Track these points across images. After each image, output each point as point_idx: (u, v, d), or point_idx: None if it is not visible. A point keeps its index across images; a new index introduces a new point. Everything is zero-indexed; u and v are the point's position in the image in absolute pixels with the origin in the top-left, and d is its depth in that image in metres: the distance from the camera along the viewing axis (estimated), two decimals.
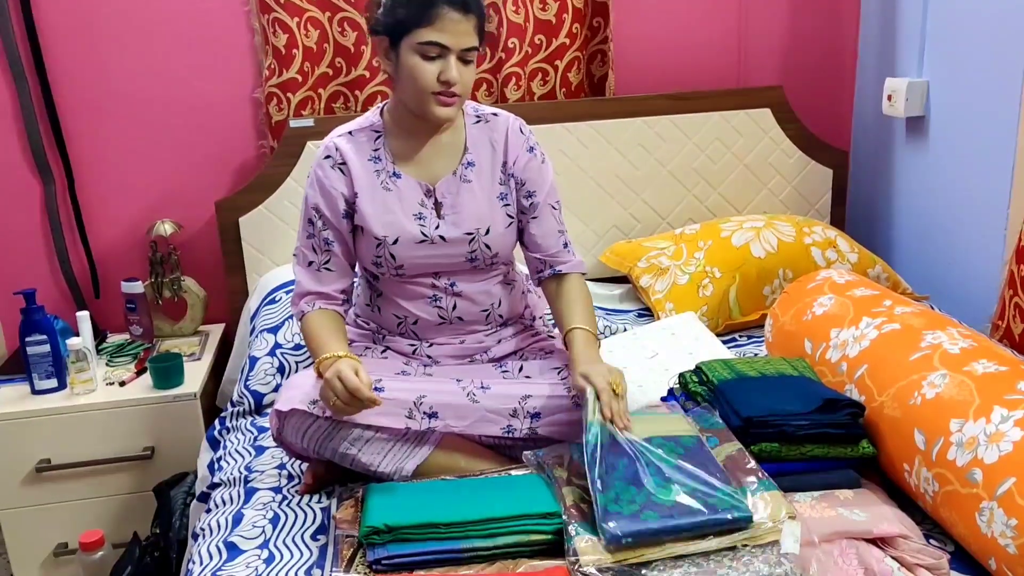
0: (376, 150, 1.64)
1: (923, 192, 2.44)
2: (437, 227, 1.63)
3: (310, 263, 1.65)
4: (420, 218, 1.63)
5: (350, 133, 1.66)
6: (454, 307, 1.67)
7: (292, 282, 2.16)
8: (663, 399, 1.70)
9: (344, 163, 1.62)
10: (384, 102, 1.70)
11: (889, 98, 2.44)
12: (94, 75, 2.35)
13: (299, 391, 1.50)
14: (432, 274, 1.66)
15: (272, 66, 2.36)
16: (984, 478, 1.23)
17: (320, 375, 1.48)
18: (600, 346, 1.66)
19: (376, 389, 1.51)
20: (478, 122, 1.69)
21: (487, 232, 1.65)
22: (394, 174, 1.64)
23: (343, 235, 1.64)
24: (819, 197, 2.66)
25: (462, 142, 1.68)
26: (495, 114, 1.71)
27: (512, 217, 1.68)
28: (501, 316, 1.73)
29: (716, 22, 2.62)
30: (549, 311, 1.75)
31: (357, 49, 2.39)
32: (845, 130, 2.77)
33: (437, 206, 1.64)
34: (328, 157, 1.63)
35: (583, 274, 1.73)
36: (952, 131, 2.30)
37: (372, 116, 1.68)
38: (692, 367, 1.68)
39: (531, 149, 1.70)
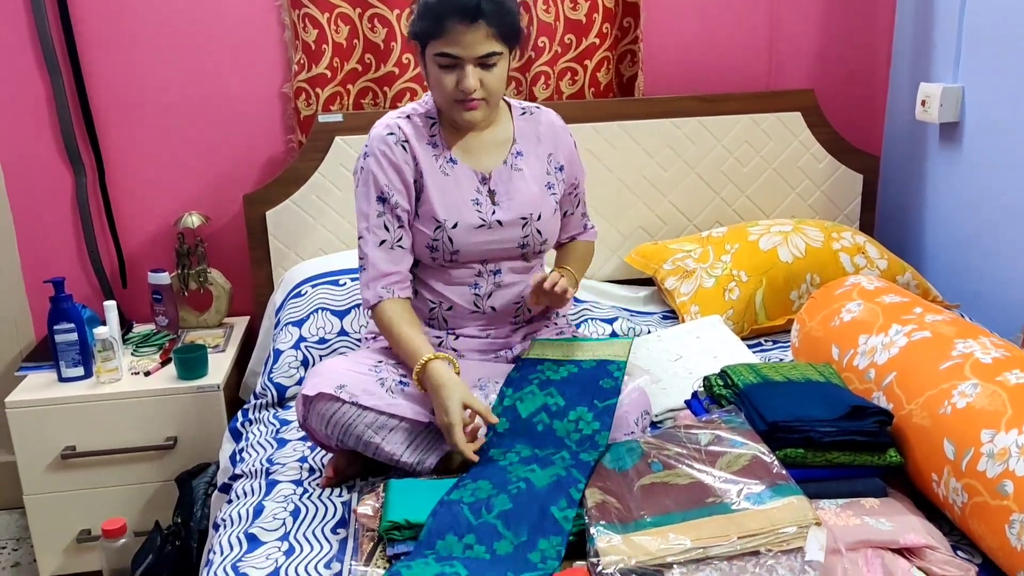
0: (433, 136, 1.67)
1: (955, 199, 2.40)
2: (493, 212, 1.66)
3: (382, 242, 1.63)
4: (477, 204, 1.65)
5: (407, 116, 1.68)
6: (490, 295, 1.69)
7: (318, 276, 2.20)
8: (687, 402, 1.69)
9: (407, 141, 1.64)
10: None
11: (923, 103, 2.40)
12: (126, 69, 2.37)
13: (325, 377, 1.51)
14: (480, 260, 1.67)
15: (302, 61, 2.37)
16: (1015, 490, 1.21)
17: (420, 381, 1.50)
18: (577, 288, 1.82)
19: (401, 383, 1.53)
20: (524, 114, 1.76)
21: (539, 218, 1.69)
22: (451, 160, 1.66)
23: (411, 211, 1.65)
24: (848, 202, 2.63)
25: (510, 133, 1.73)
26: (538, 107, 1.79)
27: (558, 205, 1.75)
28: (530, 311, 1.74)
29: (747, 24, 2.59)
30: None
31: (387, 45, 2.40)
32: (877, 135, 2.73)
33: (491, 194, 1.67)
34: (392, 134, 1.65)
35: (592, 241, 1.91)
36: (987, 138, 2.26)
37: (427, 102, 1.70)
38: (717, 370, 1.66)
39: (575, 144, 1.79)
